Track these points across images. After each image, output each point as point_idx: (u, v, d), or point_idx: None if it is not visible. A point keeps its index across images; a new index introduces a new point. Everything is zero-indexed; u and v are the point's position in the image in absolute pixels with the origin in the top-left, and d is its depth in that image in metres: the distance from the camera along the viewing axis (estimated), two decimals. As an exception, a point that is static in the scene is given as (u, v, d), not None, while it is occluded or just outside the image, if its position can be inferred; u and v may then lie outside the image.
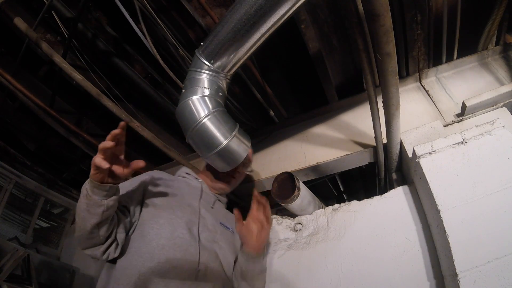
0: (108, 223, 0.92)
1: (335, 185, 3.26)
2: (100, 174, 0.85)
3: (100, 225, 0.89)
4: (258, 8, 0.93)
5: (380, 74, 0.92)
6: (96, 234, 0.90)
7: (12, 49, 1.80)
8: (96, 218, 0.87)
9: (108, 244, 0.94)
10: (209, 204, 1.25)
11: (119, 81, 1.97)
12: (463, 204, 0.99)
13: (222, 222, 1.23)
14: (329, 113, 1.89)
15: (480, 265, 0.89)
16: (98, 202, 0.86)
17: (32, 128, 2.16)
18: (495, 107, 1.37)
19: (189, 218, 1.10)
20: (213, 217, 1.20)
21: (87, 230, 0.88)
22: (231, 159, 1.16)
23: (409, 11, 1.45)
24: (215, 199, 1.31)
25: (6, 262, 1.69)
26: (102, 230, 0.90)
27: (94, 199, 0.86)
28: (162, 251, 0.96)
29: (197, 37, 1.68)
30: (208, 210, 1.21)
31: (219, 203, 1.34)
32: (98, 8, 1.70)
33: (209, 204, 1.25)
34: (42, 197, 2.41)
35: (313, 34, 1.48)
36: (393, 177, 1.53)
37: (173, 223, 1.04)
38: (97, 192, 0.86)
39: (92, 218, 0.87)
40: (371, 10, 0.73)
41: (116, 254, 0.97)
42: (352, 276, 1.21)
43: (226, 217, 1.31)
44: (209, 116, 1.13)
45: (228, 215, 1.35)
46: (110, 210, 0.89)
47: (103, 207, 0.87)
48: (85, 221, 0.88)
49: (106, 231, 0.91)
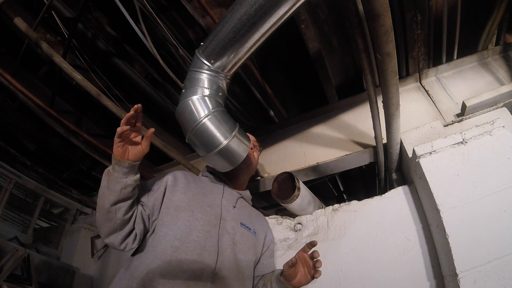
0: (126, 206, 0.96)
1: (335, 185, 3.26)
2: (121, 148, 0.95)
3: (117, 204, 0.94)
4: (258, 8, 0.93)
5: (380, 74, 0.92)
6: (113, 215, 0.94)
7: (12, 49, 1.80)
8: (114, 195, 0.93)
9: (126, 232, 0.97)
10: (231, 203, 1.23)
11: (119, 81, 1.97)
12: (463, 204, 0.99)
13: (244, 222, 1.21)
14: (329, 113, 1.89)
15: (480, 265, 0.90)
16: (118, 179, 0.94)
17: (32, 128, 2.16)
18: (495, 107, 1.37)
19: (208, 220, 1.09)
20: (234, 217, 1.18)
21: (105, 208, 0.93)
22: (231, 159, 1.16)
23: (409, 11, 1.45)
24: (238, 197, 1.28)
25: (6, 262, 1.69)
26: (119, 212, 0.95)
27: (114, 176, 0.94)
28: (175, 253, 0.97)
29: (197, 37, 1.68)
30: (229, 210, 1.19)
31: (242, 201, 1.30)
32: (98, 8, 1.71)
33: (231, 203, 1.23)
34: (42, 197, 2.42)
35: (313, 34, 1.48)
36: (393, 177, 1.53)
37: (189, 226, 1.03)
38: (117, 169, 0.94)
39: (111, 195, 0.93)
40: (371, 10, 0.73)
41: (134, 245, 0.99)
42: (352, 276, 1.21)
43: (250, 216, 1.28)
44: (209, 116, 1.13)
45: (253, 213, 1.33)
46: (128, 189, 0.96)
47: (121, 184, 0.94)
48: (104, 198, 0.94)
49: (123, 214, 0.95)
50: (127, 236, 0.98)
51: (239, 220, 1.19)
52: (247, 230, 1.20)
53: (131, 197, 0.98)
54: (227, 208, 1.19)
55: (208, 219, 1.09)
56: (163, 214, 1.06)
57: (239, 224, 1.18)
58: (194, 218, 1.06)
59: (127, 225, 0.97)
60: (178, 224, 1.03)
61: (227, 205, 1.20)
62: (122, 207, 0.95)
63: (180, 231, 1.01)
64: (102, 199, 0.94)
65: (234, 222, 1.16)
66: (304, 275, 1.03)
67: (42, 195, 2.41)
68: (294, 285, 1.04)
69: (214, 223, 1.10)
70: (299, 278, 1.03)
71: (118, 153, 0.95)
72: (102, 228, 0.96)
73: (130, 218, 0.98)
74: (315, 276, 1.00)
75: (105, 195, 0.94)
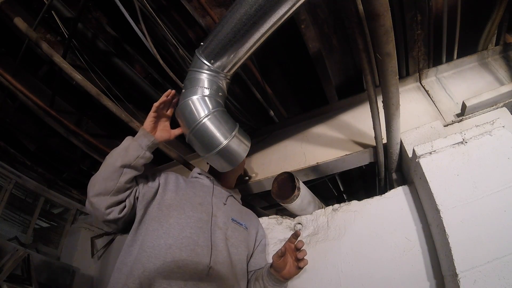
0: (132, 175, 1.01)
1: (335, 185, 3.26)
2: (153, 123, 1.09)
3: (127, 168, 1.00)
4: (258, 8, 0.93)
5: (380, 74, 0.92)
6: (116, 176, 0.98)
7: (12, 49, 1.80)
8: (129, 158, 1.00)
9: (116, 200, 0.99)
10: (222, 200, 1.25)
11: (119, 81, 1.97)
12: (463, 204, 0.99)
13: (235, 218, 1.23)
14: (329, 113, 1.89)
15: (480, 265, 0.89)
16: (139, 147, 1.03)
17: (32, 128, 2.16)
18: (495, 107, 1.37)
19: (200, 217, 1.10)
20: (225, 213, 1.21)
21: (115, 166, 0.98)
22: (231, 159, 1.16)
23: (409, 11, 1.45)
24: (228, 195, 1.31)
25: (6, 262, 1.69)
26: (124, 176, 0.99)
27: (136, 143, 1.04)
28: (169, 250, 0.97)
29: (197, 37, 1.68)
30: (220, 207, 1.22)
31: (232, 198, 1.33)
32: (98, 8, 1.70)
33: (221, 201, 1.25)
34: (42, 197, 2.42)
35: (313, 34, 1.48)
36: (393, 177, 1.53)
37: (181, 223, 1.04)
38: (142, 139, 1.05)
39: (126, 156, 1.00)
40: (371, 10, 0.73)
41: (119, 215, 0.99)
42: (352, 276, 1.21)
43: (240, 212, 1.31)
44: (209, 116, 1.12)
45: (243, 210, 1.36)
46: (141, 161, 1.03)
47: (140, 152, 1.03)
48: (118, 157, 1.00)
49: (126, 180, 0.99)
50: (116, 204, 0.99)
51: (230, 216, 1.22)
52: (239, 225, 1.23)
53: (139, 171, 1.05)
54: (217, 205, 1.21)
55: (200, 216, 1.10)
56: (154, 209, 1.06)
57: (230, 219, 1.21)
58: (186, 216, 1.07)
59: (122, 194, 1.00)
60: (170, 221, 1.04)
61: (218, 203, 1.22)
62: (128, 173, 1.00)
63: (173, 229, 1.02)
64: (115, 157, 1.00)
65: (225, 218, 1.19)
66: (293, 265, 1.05)
67: (42, 195, 2.41)
68: (284, 276, 1.06)
69: (206, 219, 1.11)
70: (288, 269, 1.05)
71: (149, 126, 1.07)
72: (98, 185, 0.97)
73: (128, 189, 1.02)
74: (300, 265, 1.01)
75: (120, 155, 1.00)
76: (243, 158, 1.19)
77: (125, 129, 1.40)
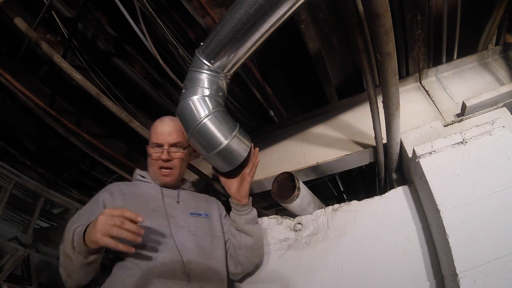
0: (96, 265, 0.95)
1: (335, 185, 3.26)
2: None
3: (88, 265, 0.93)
4: (258, 8, 0.93)
5: (380, 74, 0.92)
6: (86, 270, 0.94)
7: (12, 49, 1.80)
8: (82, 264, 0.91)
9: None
10: (174, 199, 1.22)
11: (119, 81, 1.96)
12: (463, 204, 0.99)
13: (192, 211, 1.21)
14: (329, 113, 1.89)
15: (480, 265, 0.89)
16: (83, 260, 0.90)
17: (32, 128, 2.15)
18: (495, 107, 1.37)
19: (157, 223, 1.07)
20: (181, 211, 1.19)
21: (84, 262, 0.91)
22: (231, 159, 1.16)
23: (409, 11, 1.45)
24: (178, 191, 1.27)
25: (6, 262, 1.69)
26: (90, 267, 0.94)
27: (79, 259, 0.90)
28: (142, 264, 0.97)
29: (197, 37, 1.68)
30: (175, 206, 1.19)
31: (183, 192, 1.29)
32: (98, 8, 1.70)
33: (174, 199, 1.22)
34: (42, 197, 2.42)
35: (313, 34, 1.48)
36: (393, 177, 1.53)
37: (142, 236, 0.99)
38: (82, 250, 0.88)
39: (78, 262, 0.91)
40: (371, 10, 0.73)
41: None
42: (352, 276, 1.21)
43: (196, 202, 1.28)
44: (210, 116, 1.12)
45: (198, 198, 1.33)
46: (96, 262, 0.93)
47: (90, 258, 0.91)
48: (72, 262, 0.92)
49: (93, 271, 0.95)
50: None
51: (187, 211, 1.20)
52: (199, 216, 1.21)
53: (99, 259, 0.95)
54: (171, 205, 1.19)
55: (157, 222, 1.08)
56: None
57: (189, 214, 1.19)
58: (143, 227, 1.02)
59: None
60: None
61: (171, 202, 1.20)
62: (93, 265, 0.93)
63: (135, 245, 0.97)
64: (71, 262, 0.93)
65: (184, 215, 1.17)
66: (241, 175, 1.16)
67: (42, 195, 2.41)
68: (239, 193, 1.16)
69: (164, 224, 1.09)
70: (237, 185, 1.18)
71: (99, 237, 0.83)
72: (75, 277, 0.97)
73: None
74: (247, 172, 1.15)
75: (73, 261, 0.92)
76: (244, 157, 1.18)
77: (125, 129, 1.39)
